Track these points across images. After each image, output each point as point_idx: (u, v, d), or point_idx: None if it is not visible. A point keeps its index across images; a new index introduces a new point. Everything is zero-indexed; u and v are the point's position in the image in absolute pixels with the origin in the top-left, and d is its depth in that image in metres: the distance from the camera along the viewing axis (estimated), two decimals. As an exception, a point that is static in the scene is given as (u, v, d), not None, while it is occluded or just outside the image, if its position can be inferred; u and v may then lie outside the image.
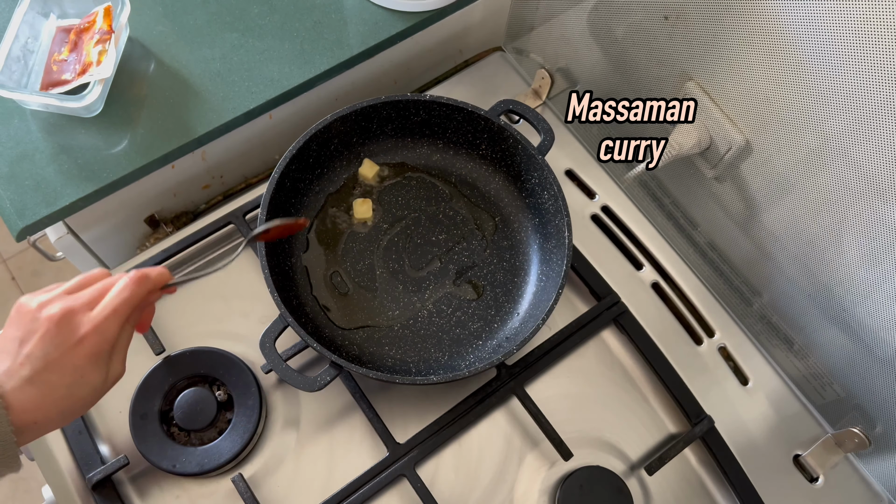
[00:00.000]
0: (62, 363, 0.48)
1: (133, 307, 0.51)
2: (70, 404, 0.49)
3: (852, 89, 0.52)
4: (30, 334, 0.48)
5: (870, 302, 0.62)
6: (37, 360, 0.47)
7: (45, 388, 0.47)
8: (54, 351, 0.47)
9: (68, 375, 0.48)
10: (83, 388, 0.49)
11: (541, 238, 0.75)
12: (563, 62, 0.83)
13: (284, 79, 0.77)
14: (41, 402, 0.47)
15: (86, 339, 0.49)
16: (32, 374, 0.47)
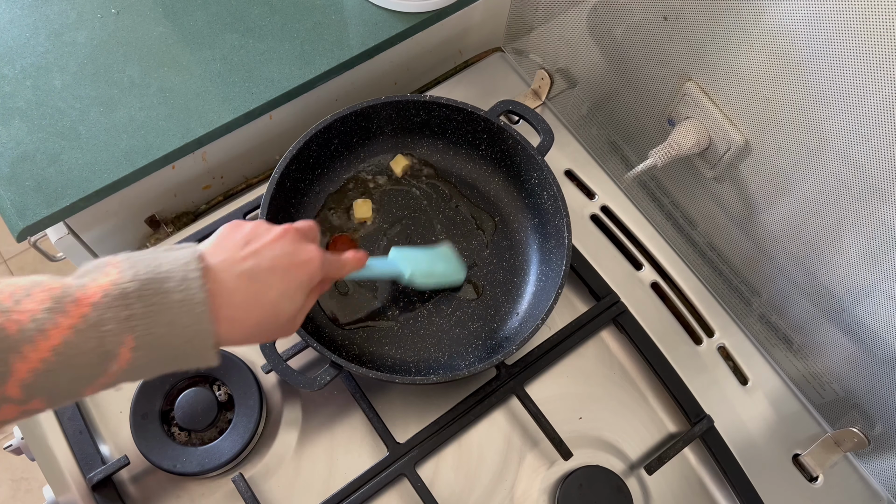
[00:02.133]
0: (286, 270, 0.48)
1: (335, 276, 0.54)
2: (270, 316, 0.48)
3: (850, 90, 0.52)
4: (258, 237, 0.48)
5: (869, 302, 0.62)
6: (263, 258, 0.47)
7: (261, 286, 0.47)
8: (283, 257, 0.48)
9: (285, 284, 0.48)
10: (289, 305, 0.49)
11: (540, 238, 0.75)
12: (563, 63, 0.84)
13: (284, 79, 0.77)
14: (251, 300, 0.46)
15: (310, 262, 0.50)
16: (254, 269, 0.46)
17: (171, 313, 0.42)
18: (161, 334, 0.42)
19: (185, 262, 0.43)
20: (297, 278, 0.49)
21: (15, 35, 0.77)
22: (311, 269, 0.50)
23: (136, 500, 0.66)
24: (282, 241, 0.49)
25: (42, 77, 0.75)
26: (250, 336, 0.48)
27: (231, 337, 0.46)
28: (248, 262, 0.47)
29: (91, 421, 0.69)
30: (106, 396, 0.70)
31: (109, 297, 0.40)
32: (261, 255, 0.47)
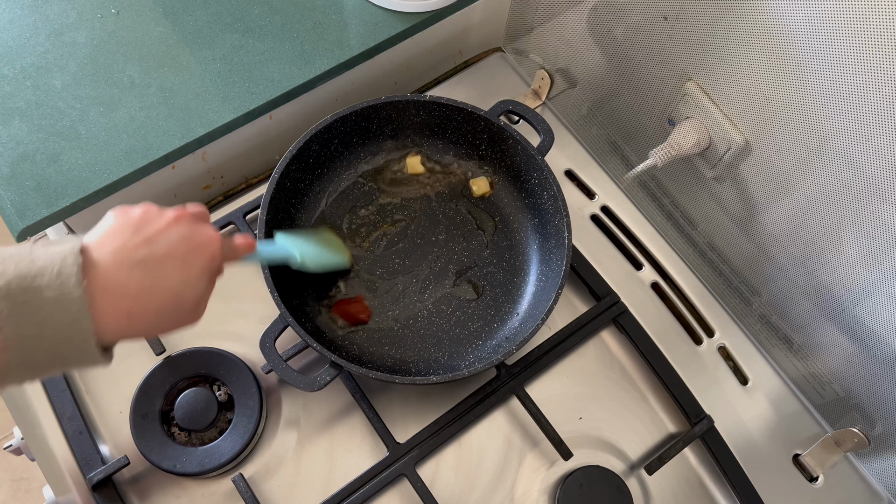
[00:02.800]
0: (184, 256, 0.45)
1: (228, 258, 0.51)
2: (171, 305, 0.45)
3: (851, 90, 0.52)
4: (149, 222, 0.45)
5: (869, 302, 0.62)
6: (158, 245, 0.44)
7: (158, 275, 0.44)
8: (180, 242, 0.45)
9: (185, 270, 0.45)
10: (190, 293, 0.46)
11: (540, 238, 0.75)
12: (563, 63, 0.84)
13: (285, 79, 0.77)
14: (147, 291, 0.43)
15: (210, 244, 0.47)
16: (148, 258, 0.43)
17: (42, 312, 0.39)
18: (33, 335, 0.39)
19: (63, 257, 0.40)
20: (197, 263, 0.46)
21: (15, 35, 0.77)
22: (212, 251, 0.47)
23: (136, 500, 0.66)
24: (177, 226, 0.46)
25: (42, 77, 0.75)
26: (151, 328, 0.45)
27: (129, 331, 0.43)
28: (142, 250, 0.44)
29: (91, 421, 0.69)
30: (106, 396, 0.70)
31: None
32: (155, 243, 0.44)
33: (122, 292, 0.42)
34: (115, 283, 0.42)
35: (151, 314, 0.44)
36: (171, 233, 0.45)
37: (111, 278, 0.42)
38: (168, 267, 0.45)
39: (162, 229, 0.45)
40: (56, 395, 0.68)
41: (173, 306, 0.45)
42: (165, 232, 0.45)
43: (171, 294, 0.45)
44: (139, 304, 0.43)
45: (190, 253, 0.46)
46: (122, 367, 0.71)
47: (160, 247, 0.44)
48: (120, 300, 0.42)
